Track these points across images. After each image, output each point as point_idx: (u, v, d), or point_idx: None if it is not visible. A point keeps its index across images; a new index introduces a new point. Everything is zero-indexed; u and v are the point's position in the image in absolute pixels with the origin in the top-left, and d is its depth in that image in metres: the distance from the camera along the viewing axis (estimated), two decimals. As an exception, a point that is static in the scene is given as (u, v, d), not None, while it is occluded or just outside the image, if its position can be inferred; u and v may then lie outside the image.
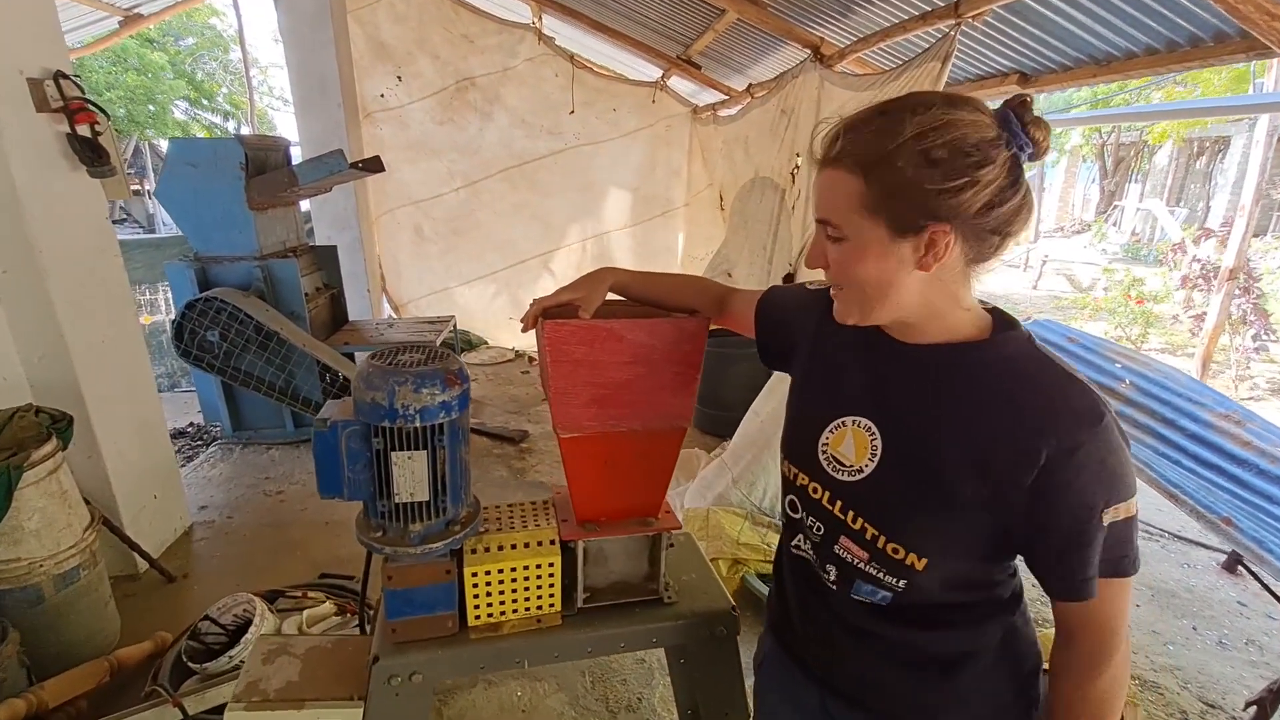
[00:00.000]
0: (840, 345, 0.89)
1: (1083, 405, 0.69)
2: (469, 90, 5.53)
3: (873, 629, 0.85)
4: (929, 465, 0.76)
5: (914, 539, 0.77)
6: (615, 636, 1.17)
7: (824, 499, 0.85)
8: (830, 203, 0.74)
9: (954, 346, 0.77)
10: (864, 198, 0.71)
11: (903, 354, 0.80)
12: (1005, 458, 0.71)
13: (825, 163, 0.74)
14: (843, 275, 0.76)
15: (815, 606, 0.91)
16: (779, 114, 3.60)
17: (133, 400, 2.58)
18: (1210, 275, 6.11)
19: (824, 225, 0.75)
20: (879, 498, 0.80)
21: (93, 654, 1.99)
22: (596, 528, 1.16)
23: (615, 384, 1.07)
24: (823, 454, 0.85)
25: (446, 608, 1.08)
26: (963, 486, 0.73)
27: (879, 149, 0.69)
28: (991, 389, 0.74)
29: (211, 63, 16.06)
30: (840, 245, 0.75)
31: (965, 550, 0.77)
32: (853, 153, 0.71)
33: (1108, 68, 2.29)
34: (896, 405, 0.80)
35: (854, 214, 0.72)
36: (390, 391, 0.93)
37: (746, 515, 2.67)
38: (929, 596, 0.81)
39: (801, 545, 0.92)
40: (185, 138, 3.44)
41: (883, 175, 0.69)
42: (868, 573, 0.82)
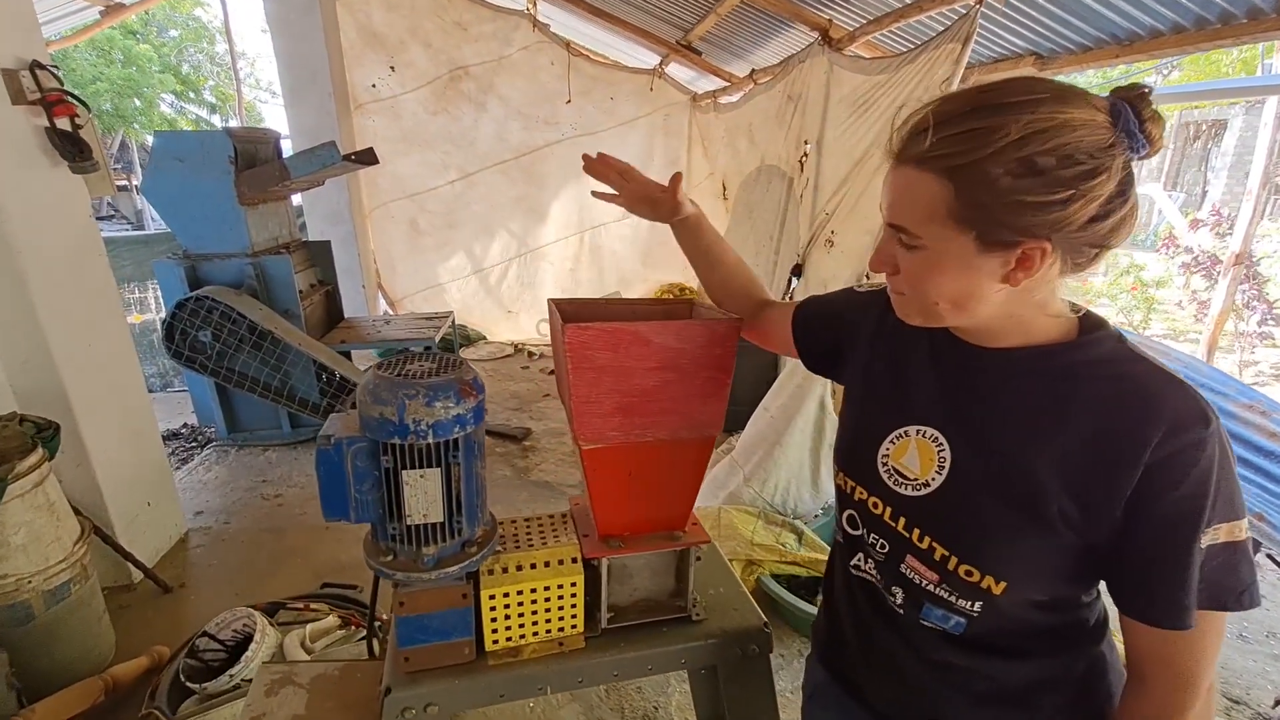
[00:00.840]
0: (904, 349, 0.82)
1: (1186, 409, 0.62)
2: (463, 80, 5.41)
3: (945, 658, 0.78)
4: (1008, 480, 0.68)
5: (990, 561, 0.69)
6: (642, 659, 1.09)
7: (885, 514, 0.79)
8: (909, 208, 0.66)
9: (1037, 350, 0.70)
10: (951, 207, 0.62)
11: (978, 359, 0.73)
12: (1098, 470, 0.64)
13: (906, 160, 0.65)
14: (915, 286, 0.69)
15: (879, 633, 0.84)
16: (785, 100, 3.51)
17: (122, 405, 2.49)
18: (1212, 262, 6.06)
19: (897, 230, 0.67)
20: (948, 515, 0.73)
21: (86, 672, 1.91)
22: (620, 543, 1.09)
23: (642, 391, 0.99)
24: (883, 466, 0.79)
25: (463, 634, 1.01)
26: (1049, 503, 0.66)
27: (974, 153, 0.60)
28: (1081, 395, 0.66)
29: (197, 55, 15.79)
30: (915, 253, 0.67)
31: (1049, 573, 0.69)
32: (942, 155, 0.61)
33: (1131, 48, 2.21)
34: (970, 414, 0.73)
35: (936, 224, 0.64)
36: (400, 405, 0.85)
37: (759, 514, 2.60)
38: (1008, 623, 0.73)
39: (863, 565, 0.85)
40: (171, 131, 3.31)
41: (975, 183, 0.60)
42: (938, 595, 0.74)
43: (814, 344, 0.98)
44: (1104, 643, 0.78)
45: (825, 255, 2.89)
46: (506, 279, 6.07)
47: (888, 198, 0.68)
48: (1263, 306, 5.72)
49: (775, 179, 3.71)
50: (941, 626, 0.76)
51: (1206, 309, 5.81)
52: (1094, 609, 0.78)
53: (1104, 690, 0.77)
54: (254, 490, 3.25)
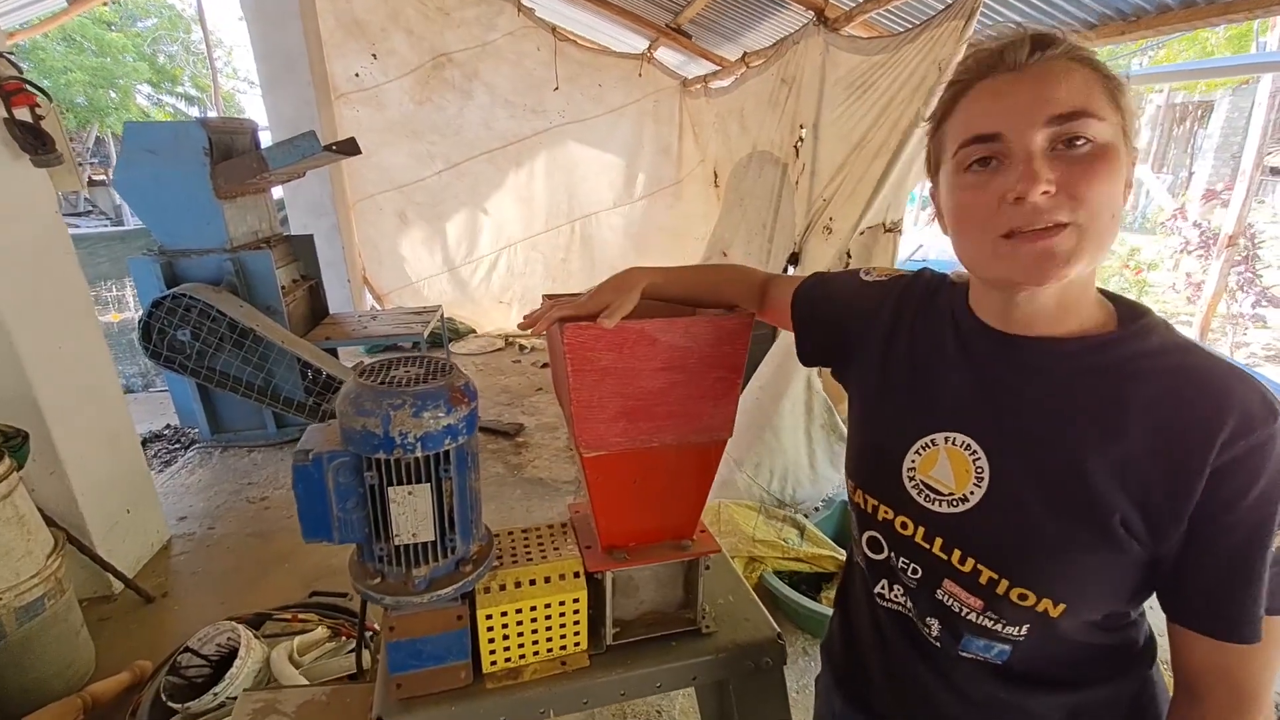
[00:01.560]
0: (926, 345, 0.74)
1: (1254, 401, 0.56)
2: (447, 67, 5.27)
3: (989, 693, 0.70)
4: (1063, 488, 0.61)
5: (1047, 582, 0.62)
6: (650, 676, 1.03)
7: (918, 536, 0.70)
8: (1080, 90, 0.56)
9: (1085, 341, 0.63)
10: (1105, 87, 0.57)
11: (1019, 350, 0.65)
12: (1162, 474, 0.58)
13: (1050, 58, 0.57)
14: (1093, 192, 0.56)
15: (912, 669, 0.76)
16: (779, 83, 3.42)
17: (97, 409, 2.38)
18: (1210, 242, 6.04)
19: (1067, 121, 0.56)
20: (994, 532, 0.65)
21: (64, 690, 1.83)
22: (625, 555, 1.02)
23: (647, 394, 0.92)
24: (909, 480, 0.70)
25: (459, 657, 0.94)
26: (1110, 513, 0.59)
27: (1086, 49, 0.59)
28: (1140, 392, 0.60)
29: (173, 45, 15.41)
30: (1085, 150, 0.56)
31: (1113, 590, 0.63)
32: (1077, 47, 0.58)
33: (1138, 23, 2.14)
34: (1012, 416, 0.65)
35: (1107, 103, 0.57)
36: (385, 417, 0.77)
37: (760, 509, 2.55)
38: (1058, 648, 0.67)
39: (889, 594, 0.77)
40: (142, 121, 3.19)
41: (1106, 71, 0.58)
42: (980, 625, 0.67)
43: (813, 338, 0.91)
44: (1154, 665, 0.72)
45: (823, 243, 2.82)
46: (497, 270, 5.96)
47: (1042, 92, 0.56)
48: (1256, 289, 5.72)
49: (768, 165, 3.62)
50: (983, 657, 0.69)
51: (1200, 291, 5.80)
52: (1141, 627, 0.71)
53: (1154, 715, 0.71)
54: (239, 493, 3.16)
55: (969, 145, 0.59)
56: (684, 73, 5.57)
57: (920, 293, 0.79)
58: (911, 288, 0.80)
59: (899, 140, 2.30)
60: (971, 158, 0.59)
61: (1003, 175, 0.57)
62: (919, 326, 0.76)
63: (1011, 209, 0.56)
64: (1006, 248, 0.58)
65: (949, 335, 0.72)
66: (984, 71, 0.59)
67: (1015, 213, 0.56)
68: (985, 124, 0.58)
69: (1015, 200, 0.56)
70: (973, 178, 0.60)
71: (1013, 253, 0.58)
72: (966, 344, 0.70)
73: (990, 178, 0.58)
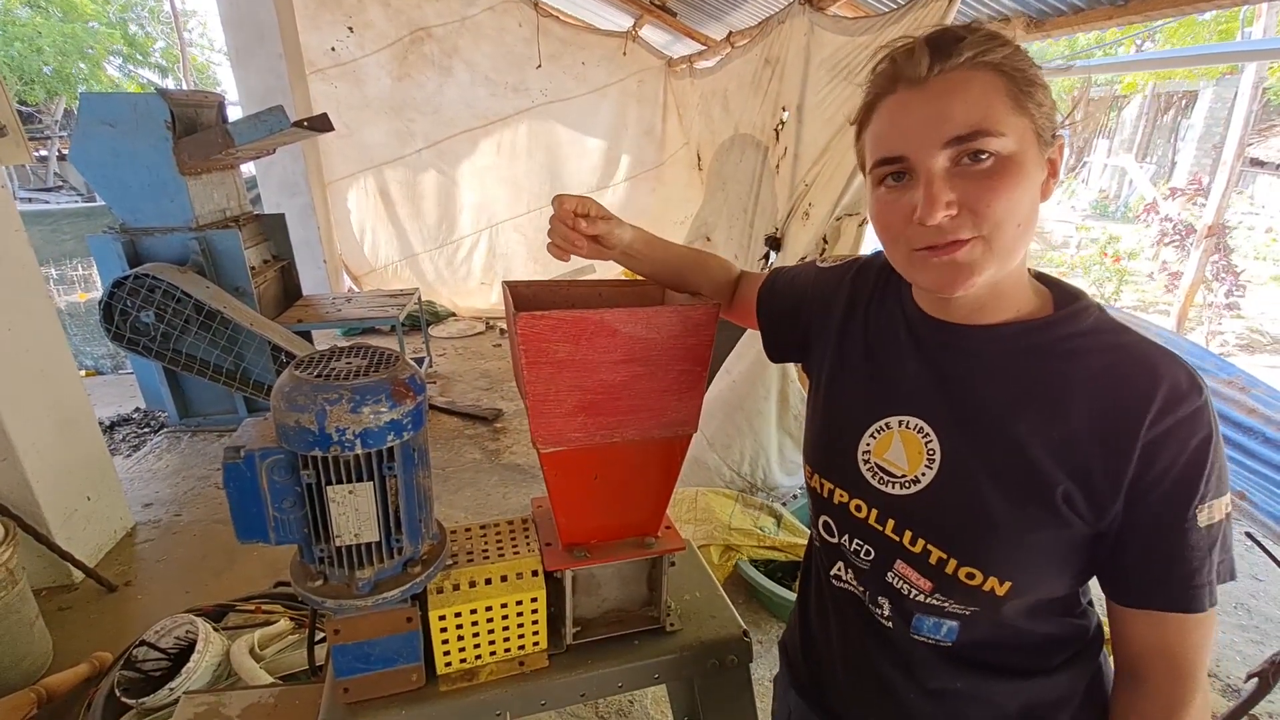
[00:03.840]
0: (879, 332, 0.75)
1: (1181, 378, 0.59)
2: (425, 42, 5.11)
3: (943, 683, 0.70)
4: (1008, 468, 0.63)
5: (993, 560, 0.63)
6: (611, 676, 1.00)
7: (871, 518, 0.71)
8: (977, 105, 0.57)
9: (1025, 325, 0.65)
10: (1010, 92, 0.58)
11: (964, 338, 0.67)
12: (1099, 450, 0.60)
13: (949, 69, 0.58)
14: (995, 208, 0.58)
15: (867, 653, 0.76)
16: (762, 64, 3.35)
17: (52, 392, 2.30)
18: (1186, 233, 6.10)
19: (966, 142, 0.57)
20: (943, 513, 0.66)
21: (18, 683, 1.78)
22: (586, 553, 0.98)
23: (607, 387, 0.87)
24: (864, 463, 0.71)
25: (410, 659, 0.90)
26: (1053, 490, 0.61)
27: (1003, 48, 0.58)
28: (1077, 372, 0.62)
29: (144, 13, 14.87)
30: (986, 165, 0.58)
31: (1057, 568, 0.64)
32: (982, 51, 0.58)
33: (1125, 8, 2.10)
34: (959, 400, 0.67)
35: (1008, 113, 0.57)
36: (320, 412, 0.72)
37: (737, 497, 2.53)
38: (1006, 632, 0.67)
39: (844, 575, 0.77)
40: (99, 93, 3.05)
41: (1017, 71, 0.58)
42: (929, 604, 0.68)
43: (777, 333, 0.92)
44: (1103, 654, 0.73)
45: (803, 228, 2.78)
46: (478, 251, 5.86)
47: (942, 110, 0.57)
48: (1230, 278, 5.78)
49: (749, 148, 3.56)
50: (933, 638, 0.70)
51: (1177, 280, 5.86)
52: (1090, 617, 0.72)
53: (1104, 704, 0.71)
54: (207, 479, 3.09)
55: (880, 166, 0.63)
56: (669, 52, 5.46)
57: (873, 277, 0.80)
58: (864, 272, 0.81)
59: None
60: (884, 175, 0.63)
61: (911, 191, 0.60)
62: (872, 313, 0.77)
63: (918, 227, 0.60)
64: (919, 259, 0.62)
65: (899, 323, 0.73)
66: (889, 86, 0.61)
67: (922, 231, 0.60)
68: (889, 146, 0.61)
69: (918, 221, 0.59)
70: (886, 193, 0.63)
71: (924, 264, 0.62)
72: (916, 332, 0.71)
73: (901, 194, 0.61)
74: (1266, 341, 5.98)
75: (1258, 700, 1.96)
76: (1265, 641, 2.38)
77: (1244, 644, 2.39)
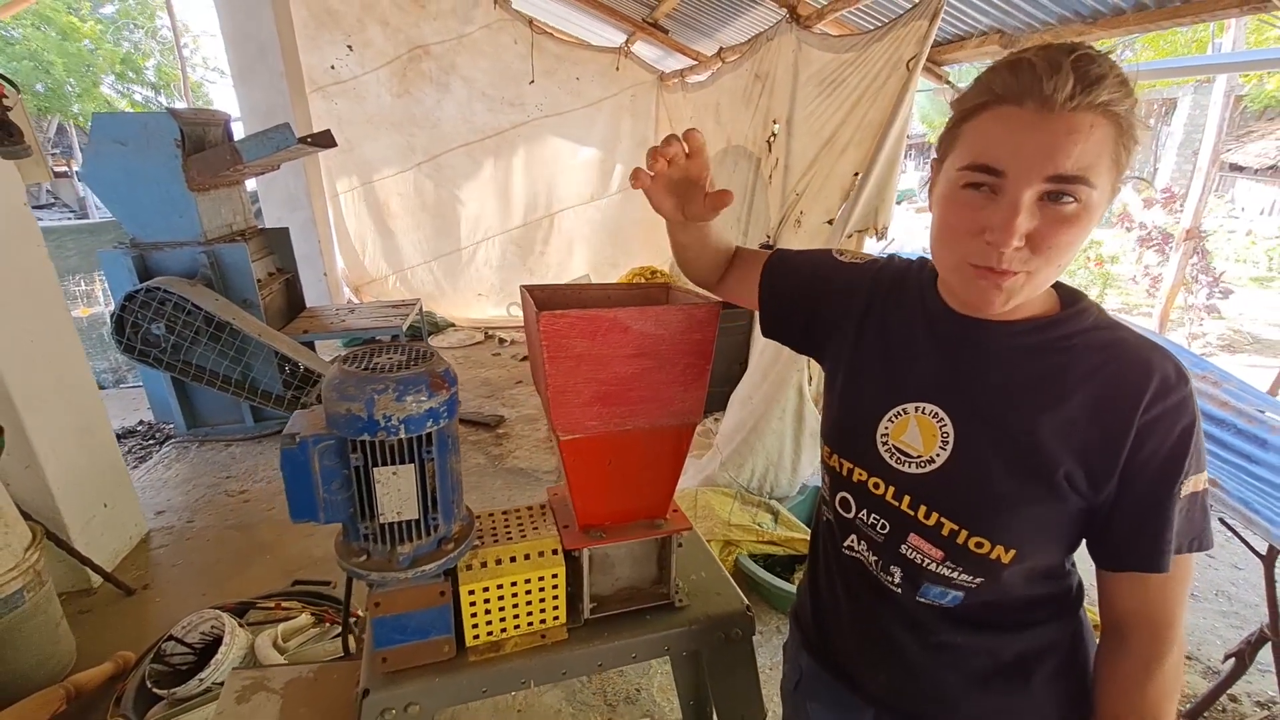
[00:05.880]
0: (898, 325, 0.81)
1: (1168, 370, 0.66)
2: (423, 59, 5.24)
3: (943, 638, 0.78)
4: (1017, 450, 0.69)
5: (1001, 531, 0.70)
6: (626, 648, 1.09)
7: (888, 494, 0.77)
8: (1090, 151, 0.59)
9: (1034, 323, 0.71)
10: (1117, 144, 0.60)
11: (979, 332, 0.73)
12: (1099, 435, 0.67)
13: (1082, 107, 0.58)
14: (1055, 248, 0.61)
15: (876, 615, 0.83)
16: (753, 79, 3.47)
17: (71, 402, 2.37)
18: (1164, 238, 6.26)
19: (1067, 183, 0.59)
20: (957, 489, 0.72)
21: (45, 681, 1.83)
22: (601, 534, 1.07)
23: (620, 379, 0.97)
24: (883, 445, 0.77)
25: (442, 631, 0.99)
26: (1056, 470, 0.68)
27: (1129, 98, 0.59)
28: (1079, 364, 0.69)
29: (138, 31, 14.98)
30: (1068, 210, 0.60)
31: (1055, 537, 0.72)
32: (1113, 99, 0.58)
33: (1095, 24, 2.23)
34: (974, 388, 0.73)
35: (1106, 170, 0.60)
36: (369, 401, 0.81)
37: (735, 495, 2.62)
38: (1004, 595, 0.75)
39: (856, 547, 0.84)
40: (111, 113, 3.13)
41: (1131, 124, 0.60)
42: (939, 574, 0.75)
43: (780, 312, 0.94)
44: (1083, 610, 0.81)
45: (794, 235, 2.89)
46: (475, 262, 5.96)
47: (1061, 145, 0.58)
48: (1209, 280, 5.94)
49: (742, 159, 3.68)
50: (939, 603, 0.77)
51: (1159, 284, 6.01)
52: (1073, 576, 0.80)
53: (1084, 654, 0.80)
54: (218, 487, 3.15)
55: (972, 170, 0.63)
56: (661, 67, 5.59)
57: (891, 276, 0.85)
58: (885, 271, 0.87)
59: (872, 138, 2.37)
60: (971, 179, 0.64)
61: (991, 209, 0.62)
62: (891, 308, 0.82)
63: (983, 245, 0.63)
64: (968, 272, 0.66)
65: (918, 317, 0.79)
66: (1019, 93, 0.59)
67: (985, 251, 0.63)
68: (994, 156, 0.61)
69: (989, 242, 0.62)
70: (966, 197, 0.64)
71: (970, 280, 0.66)
72: (934, 325, 0.77)
73: (980, 206, 0.63)
74: (1247, 341, 6.13)
75: (1235, 679, 2.06)
76: (1245, 626, 2.47)
77: (1224, 629, 2.49)
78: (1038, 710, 0.78)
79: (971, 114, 0.65)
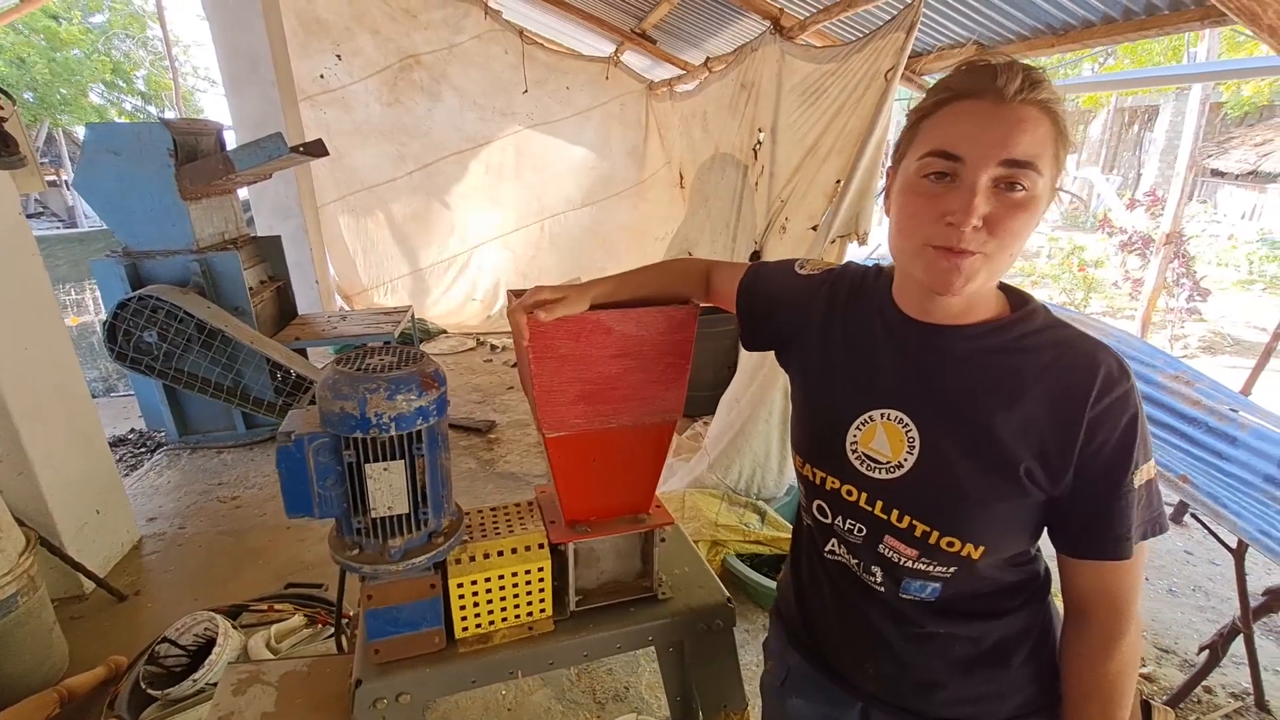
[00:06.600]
0: (857, 334, 0.83)
1: (1113, 366, 0.70)
2: (414, 69, 5.29)
3: (927, 629, 0.82)
4: (980, 451, 0.73)
5: (970, 529, 0.74)
6: (610, 639, 1.13)
7: (861, 500, 0.80)
8: (1038, 143, 0.65)
9: (988, 326, 0.75)
10: (1057, 143, 0.66)
11: (938, 337, 0.76)
12: (1054, 430, 0.70)
13: (1028, 101, 0.65)
14: (1009, 232, 0.67)
15: (863, 612, 0.86)
16: (739, 88, 3.54)
17: (64, 410, 2.39)
18: (1145, 242, 6.38)
19: (1018, 168, 0.65)
20: (926, 492, 0.76)
21: (39, 685, 1.85)
22: (586, 528, 1.11)
23: (603, 379, 1.01)
24: (852, 453, 0.80)
25: (432, 623, 1.02)
26: (1021, 469, 0.71)
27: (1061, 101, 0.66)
28: (1033, 365, 0.72)
29: (128, 40, 14.97)
30: (1018, 197, 0.66)
31: (1019, 530, 0.76)
32: (1052, 98, 0.65)
33: (1065, 37, 2.30)
34: (937, 392, 0.76)
35: (1051, 160, 0.66)
36: (361, 400, 0.85)
37: (723, 496, 2.66)
38: (979, 584, 0.79)
39: (837, 550, 0.87)
40: (104, 123, 3.15)
41: (1067, 128, 0.67)
42: (916, 569, 0.79)
43: (754, 326, 0.99)
44: (1051, 593, 0.85)
45: (780, 242, 2.95)
46: (468, 269, 6.00)
47: (1008, 138, 0.64)
48: (1190, 283, 6.05)
49: (730, 167, 3.75)
50: (919, 596, 0.80)
51: (1141, 287, 6.11)
52: (1039, 562, 0.85)
53: (1054, 636, 0.84)
54: (209, 493, 3.16)
55: (933, 157, 0.68)
56: (650, 76, 5.67)
57: (848, 284, 0.88)
58: (840, 280, 0.89)
59: (853, 146, 2.43)
60: (932, 168, 0.68)
61: (951, 195, 0.67)
62: (850, 316, 0.85)
63: (944, 227, 0.67)
64: (930, 254, 0.69)
65: (878, 326, 0.81)
66: (975, 88, 0.66)
67: (946, 232, 0.67)
68: (952, 143, 0.67)
69: (949, 223, 0.67)
70: (926, 186, 0.69)
71: (932, 261, 0.69)
72: (893, 333, 0.80)
73: (940, 194, 0.68)
74: (1227, 344, 6.24)
75: (1209, 670, 2.12)
76: (1221, 620, 2.52)
77: (1201, 623, 2.55)
78: (1017, 690, 0.83)
79: (931, 111, 0.70)
